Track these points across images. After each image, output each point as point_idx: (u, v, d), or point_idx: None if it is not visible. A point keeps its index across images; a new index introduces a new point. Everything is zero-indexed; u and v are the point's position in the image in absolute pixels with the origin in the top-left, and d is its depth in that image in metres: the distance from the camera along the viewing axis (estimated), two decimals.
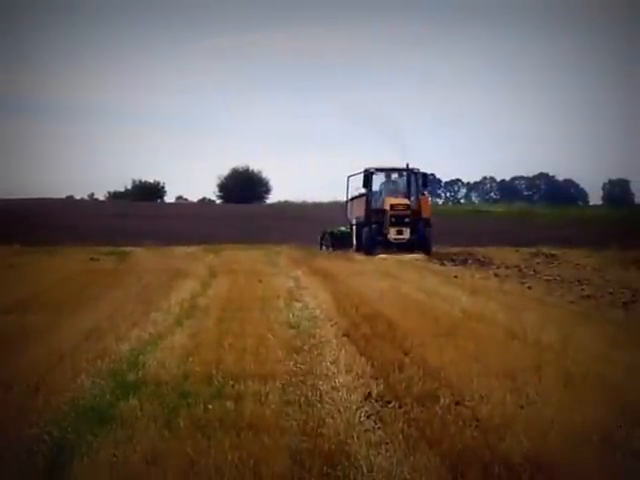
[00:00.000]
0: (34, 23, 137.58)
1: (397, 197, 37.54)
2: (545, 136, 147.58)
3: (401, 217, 36.73)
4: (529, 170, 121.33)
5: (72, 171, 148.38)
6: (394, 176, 39.30)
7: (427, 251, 36.04)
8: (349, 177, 39.71)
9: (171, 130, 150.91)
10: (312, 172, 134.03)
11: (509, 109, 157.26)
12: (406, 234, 36.65)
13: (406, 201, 37.17)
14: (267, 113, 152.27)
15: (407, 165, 37.94)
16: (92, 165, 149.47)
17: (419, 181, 38.10)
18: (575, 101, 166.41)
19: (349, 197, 40.31)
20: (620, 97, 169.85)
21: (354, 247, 37.74)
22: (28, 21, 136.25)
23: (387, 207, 36.95)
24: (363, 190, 38.25)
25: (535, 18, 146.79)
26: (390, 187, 38.72)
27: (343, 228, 40.26)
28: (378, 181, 38.79)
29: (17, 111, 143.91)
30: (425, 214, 37.31)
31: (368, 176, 37.92)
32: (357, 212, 38.58)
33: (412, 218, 36.69)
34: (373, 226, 36.90)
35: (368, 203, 37.67)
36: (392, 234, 36.66)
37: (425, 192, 38.92)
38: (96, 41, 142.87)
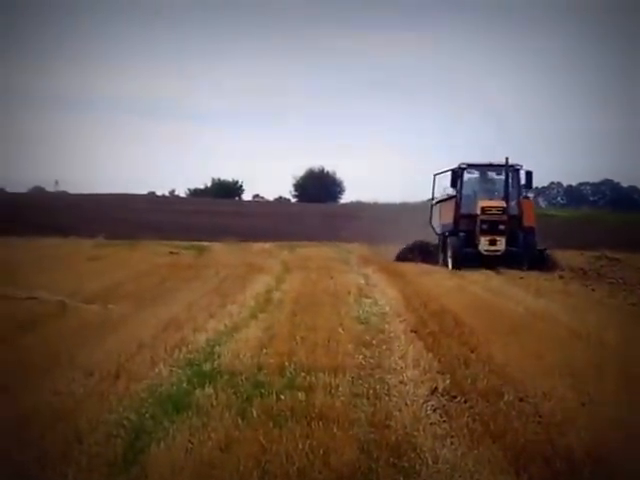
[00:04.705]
0: (113, 20, 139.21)
1: (492, 199, 30.43)
2: (611, 142, 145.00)
3: (495, 223, 29.53)
4: (595, 176, 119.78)
5: (155, 169, 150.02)
6: (491, 175, 32.09)
7: (531, 266, 28.40)
8: (435, 175, 32.38)
9: (249, 131, 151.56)
10: (384, 173, 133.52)
11: (577, 115, 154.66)
12: (500, 245, 29.47)
13: (502, 203, 29.84)
14: (342, 114, 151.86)
15: (507, 160, 30.26)
16: (174, 163, 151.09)
17: (520, 180, 30.71)
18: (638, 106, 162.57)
19: (434, 200, 32.73)
20: None
21: (440, 261, 30.65)
22: (104, 18, 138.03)
23: (478, 211, 29.85)
24: (452, 191, 31.21)
25: (611, 19, 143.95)
26: (485, 187, 31.59)
27: None
28: (472, 181, 31.64)
29: (107, 111, 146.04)
30: (527, 222, 30.18)
31: (457, 173, 30.67)
32: (444, 218, 31.26)
33: (509, 225, 29.52)
34: (461, 234, 29.95)
35: (457, 206, 30.61)
36: (483, 244, 29.58)
37: (529, 195, 32.51)
38: (176, 43, 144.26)
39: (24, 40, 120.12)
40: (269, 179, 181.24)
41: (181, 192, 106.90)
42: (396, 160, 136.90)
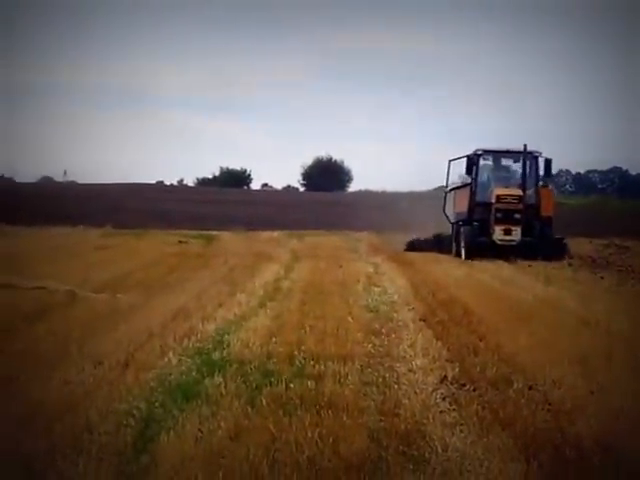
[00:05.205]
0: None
1: (507, 187, 29.24)
2: (620, 129, 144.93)
3: (510, 212, 28.41)
4: (603, 164, 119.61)
5: (163, 158, 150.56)
6: (507, 162, 30.84)
7: (549, 257, 27.10)
8: (450, 161, 31.06)
9: (258, 121, 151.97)
10: (391, 162, 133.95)
11: (585, 104, 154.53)
12: (516, 235, 28.39)
13: (518, 192, 28.69)
14: (351, 105, 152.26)
15: (524, 147, 28.96)
16: (183, 152, 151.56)
17: (539, 168, 29.48)
18: None
19: (448, 187, 31.74)
20: None
21: (453, 250, 29.94)
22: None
23: (493, 199, 28.79)
24: (466, 179, 30.34)
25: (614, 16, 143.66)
26: (501, 175, 30.35)
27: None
28: (488, 168, 30.42)
29: (115, 102, 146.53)
30: (545, 212, 29.10)
31: (473, 160, 29.46)
32: (458, 206, 30.35)
33: (525, 215, 28.47)
34: (475, 224, 28.97)
35: (472, 194, 29.48)
36: (497, 234, 28.51)
37: (547, 183, 31.08)
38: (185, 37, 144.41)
39: (33, 33, 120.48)
40: (278, 168, 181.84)
41: (189, 181, 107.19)
42: (403, 149, 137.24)
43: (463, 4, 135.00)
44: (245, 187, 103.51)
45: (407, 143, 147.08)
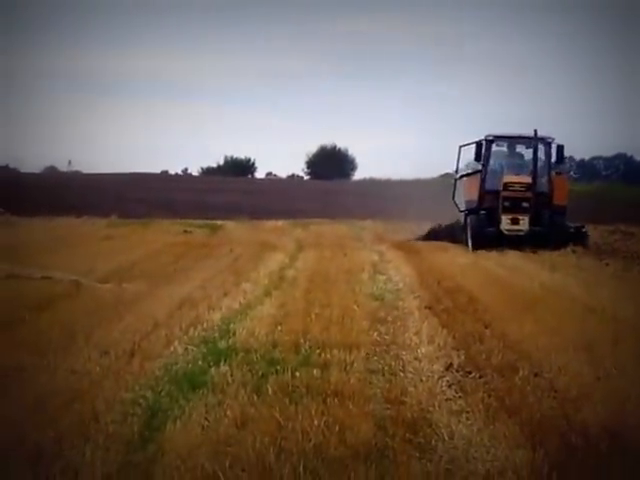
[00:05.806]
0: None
1: (517, 174, 27.99)
2: (624, 115, 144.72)
3: (517, 200, 27.26)
4: (607, 150, 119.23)
5: (168, 147, 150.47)
6: (520, 148, 29.37)
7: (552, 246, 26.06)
8: (461, 147, 29.39)
9: (262, 109, 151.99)
10: (395, 150, 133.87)
11: (588, 90, 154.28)
12: (524, 224, 27.23)
13: (526, 179, 27.42)
14: (355, 93, 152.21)
15: (535, 132, 27.55)
16: (187, 142, 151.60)
17: (551, 154, 28.23)
18: None
19: (458, 175, 30.15)
20: None
21: (464, 240, 28.57)
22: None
23: (501, 187, 27.61)
24: (476, 166, 29.07)
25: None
26: (513, 162, 28.97)
27: None
28: (500, 155, 29.05)
29: (119, 91, 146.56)
30: (558, 200, 27.78)
31: (482, 146, 28.22)
32: (468, 194, 28.80)
33: (535, 203, 27.22)
34: (482, 213, 27.82)
35: (482, 182, 28.20)
36: (505, 223, 27.38)
37: (561, 170, 30.04)
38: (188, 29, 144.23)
39: (38, 22, 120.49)
40: (282, 157, 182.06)
41: (194, 170, 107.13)
42: (406, 137, 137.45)
43: (463, 4, 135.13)
44: (249, 176, 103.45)
45: (409, 134, 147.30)
